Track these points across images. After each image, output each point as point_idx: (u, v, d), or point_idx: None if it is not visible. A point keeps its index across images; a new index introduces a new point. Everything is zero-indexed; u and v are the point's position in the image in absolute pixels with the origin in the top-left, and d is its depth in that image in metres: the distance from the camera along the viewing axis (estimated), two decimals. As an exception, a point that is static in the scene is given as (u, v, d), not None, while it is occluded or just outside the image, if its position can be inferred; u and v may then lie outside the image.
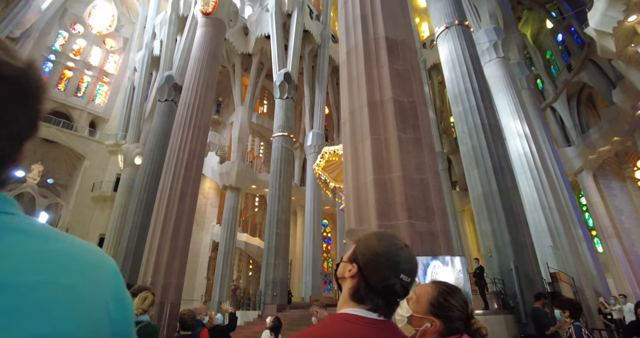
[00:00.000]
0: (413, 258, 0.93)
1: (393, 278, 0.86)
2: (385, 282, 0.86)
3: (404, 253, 0.91)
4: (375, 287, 0.87)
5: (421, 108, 5.73)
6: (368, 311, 0.87)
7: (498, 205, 9.38)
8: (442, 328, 1.12)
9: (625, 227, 21.86)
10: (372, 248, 0.90)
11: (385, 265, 0.87)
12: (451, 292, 1.18)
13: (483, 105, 10.64)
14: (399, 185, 4.93)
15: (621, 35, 12.62)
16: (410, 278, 0.89)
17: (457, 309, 1.14)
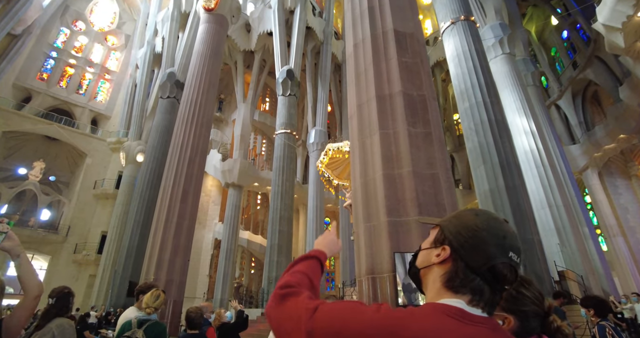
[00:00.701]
0: (517, 235, 0.77)
1: (501, 256, 0.70)
2: (491, 261, 0.70)
3: (508, 228, 0.75)
4: (479, 269, 0.70)
5: (431, 102, 5.58)
6: (470, 304, 0.70)
7: (505, 202, 9.23)
8: (517, 325, 0.93)
9: (630, 226, 21.67)
10: (470, 224, 0.74)
11: (490, 240, 0.71)
12: (524, 282, 0.99)
13: (490, 101, 10.48)
14: (409, 181, 4.80)
15: (630, 30, 12.41)
16: (520, 259, 0.74)
17: (533, 302, 0.96)
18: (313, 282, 0.86)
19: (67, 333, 1.99)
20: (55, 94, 26.84)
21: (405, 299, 4.37)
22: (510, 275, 0.71)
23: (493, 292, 0.71)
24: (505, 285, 0.72)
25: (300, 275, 0.85)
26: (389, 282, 4.38)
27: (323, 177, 14.43)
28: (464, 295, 0.71)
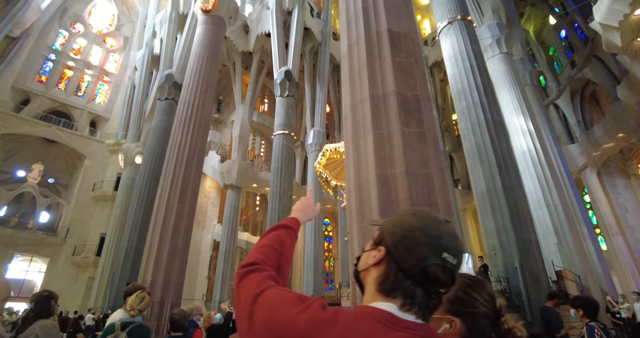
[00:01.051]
0: (458, 236, 0.73)
1: (433, 257, 0.67)
2: (423, 263, 0.67)
3: (446, 227, 0.72)
4: (410, 270, 0.67)
5: (425, 102, 5.57)
6: (402, 309, 0.67)
7: (502, 202, 9.21)
8: (465, 328, 0.89)
9: (629, 225, 21.64)
10: (404, 223, 0.72)
11: (423, 240, 0.68)
12: (473, 284, 0.94)
13: (487, 100, 10.47)
14: (403, 181, 4.78)
15: (627, 29, 12.39)
16: (457, 260, 0.69)
17: (482, 305, 0.90)
18: (282, 251, 0.84)
19: (51, 334, 1.98)
20: (54, 96, 26.85)
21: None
22: (445, 277, 0.68)
23: (428, 296, 0.68)
24: (440, 288, 0.68)
25: (267, 249, 0.83)
26: (382, 283, 4.35)
27: (321, 178, 14.44)
28: (395, 298, 0.68)
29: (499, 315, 0.90)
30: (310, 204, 1.05)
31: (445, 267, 0.68)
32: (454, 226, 0.74)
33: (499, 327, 0.88)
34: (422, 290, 0.68)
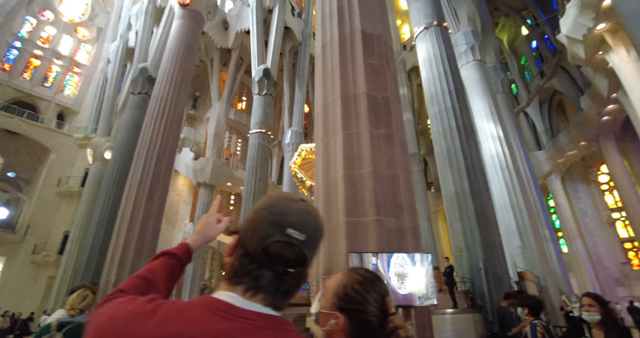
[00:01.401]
0: (311, 213, 0.68)
1: (276, 234, 0.63)
2: (265, 241, 0.62)
3: (297, 205, 0.67)
4: (254, 252, 0.63)
5: (394, 104, 5.65)
6: (245, 295, 0.61)
7: (469, 204, 9.49)
8: (348, 326, 0.84)
9: (588, 229, 22.81)
10: (256, 207, 0.69)
11: (267, 219, 0.65)
12: (365, 281, 0.89)
13: (459, 106, 10.76)
14: (369, 181, 4.83)
15: (590, 42, 13.07)
16: (307, 236, 0.64)
17: (370, 303, 0.86)
18: (155, 282, 0.77)
19: None
20: (18, 85, 25.49)
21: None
22: (291, 254, 0.63)
23: (278, 278, 0.63)
24: (289, 267, 0.63)
25: (135, 281, 0.75)
26: (345, 282, 4.37)
27: (296, 178, 14.40)
28: (239, 285, 0.63)
29: (385, 314, 0.86)
30: (209, 223, 0.90)
31: (290, 243, 0.63)
32: (311, 205, 0.70)
33: (385, 326, 0.85)
34: (270, 272, 0.63)
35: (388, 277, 4.30)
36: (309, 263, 0.67)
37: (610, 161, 20.31)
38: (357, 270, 0.95)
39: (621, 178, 19.73)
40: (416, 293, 4.45)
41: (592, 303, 2.48)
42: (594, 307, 2.44)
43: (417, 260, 4.42)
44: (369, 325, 0.84)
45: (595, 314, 2.42)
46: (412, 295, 4.43)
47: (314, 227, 0.67)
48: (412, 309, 4.49)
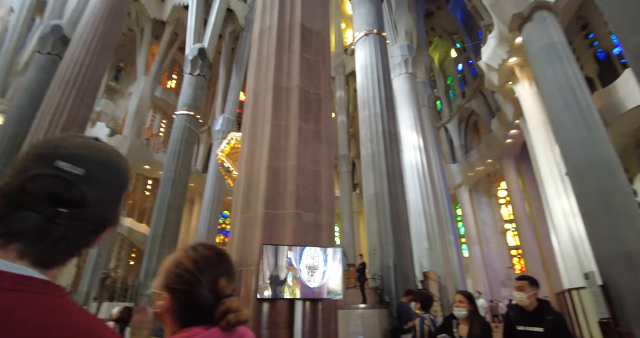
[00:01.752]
0: (101, 148, 0.57)
1: (40, 167, 0.50)
2: (22, 175, 0.50)
3: (81, 139, 0.56)
4: (8, 191, 0.49)
5: (326, 101, 5.71)
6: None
7: (387, 207, 10.07)
8: (175, 307, 0.76)
9: (486, 236, 25.95)
10: None
11: (32, 153, 0.52)
12: (201, 260, 0.81)
13: (387, 114, 11.34)
14: (293, 175, 4.80)
15: (503, 72, 14.82)
16: (85, 170, 0.51)
17: (202, 285, 0.77)
18: None
19: None
20: None
21: (272, 292, 4.34)
22: (60, 190, 0.50)
23: (49, 222, 0.48)
24: (59, 207, 0.49)
25: None
26: (254, 275, 4.29)
27: (222, 168, 13.81)
28: None
29: (218, 297, 0.79)
30: None
31: (60, 177, 0.50)
32: (105, 145, 0.58)
33: (216, 309, 0.77)
34: (33, 213, 0.48)
35: (299, 269, 4.32)
36: (92, 204, 0.52)
37: (509, 179, 23.32)
38: (197, 246, 0.86)
39: (515, 195, 22.79)
40: (325, 287, 4.55)
41: (462, 300, 2.67)
42: (463, 303, 2.63)
43: (329, 254, 4.52)
44: (198, 307, 0.76)
45: (463, 310, 2.61)
46: (321, 289, 4.51)
47: (100, 161, 0.55)
48: (320, 302, 4.58)
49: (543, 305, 2.58)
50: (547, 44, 10.68)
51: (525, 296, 2.56)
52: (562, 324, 2.45)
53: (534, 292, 2.60)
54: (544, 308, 2.56)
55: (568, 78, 10.07)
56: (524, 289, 2.59)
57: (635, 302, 7.56)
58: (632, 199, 8.87)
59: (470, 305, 2.65)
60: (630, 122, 13.04)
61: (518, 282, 2.65)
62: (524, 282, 2.63)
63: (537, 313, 2.52)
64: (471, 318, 2.62)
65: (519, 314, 2.60)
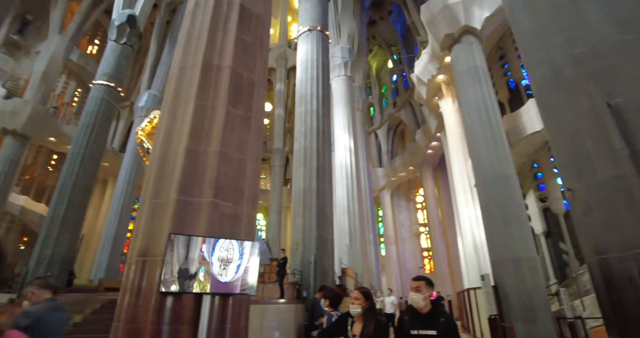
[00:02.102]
0: None
1: None
2: None
3: None
4: None
5: (259, 89, 5.48)
6: None
7: (313, 202, 10.16)
8: None
9: (402, 237, 27.87)
10: None
11: None
12: None
13: (322, 111, 11.44)
14: (214, 160, 4.49)
15: (431, 87, 15.98)
16: None
17: None
18: None
19: None
20: None
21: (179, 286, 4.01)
22: None
23: None
24: None
25: None
26: (159, 266, 3.92)
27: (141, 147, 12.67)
28: None
29: None
30: None
31: None
32: None
33: None
34: None
35: (210, 261, 4.06)
36: None
37: (426, 186, 25.32)
38: None
39: (430, 201, 24.84)
40: (239, 282, 4.34)
41: (357, 297, 2.51)
42: (359, 300, 2.48)
43: (246, 247, 4.32)
44: None
45: (357, 307, 2.46)
46: (233, 283, 4.30)
47: None
48: (231, 297, 4.37)
49: (436, 306, 2.48)
50: (470, 67, 11.75)
51: (421, 297, 2.43)
52: (453, 327, 2.36)
53: (429, 293, 2.48)
54: (437, 310, 2.46)
55: (484, 99, 11.20)
56: (421, 290, 2.46)
57: (518, 301, 8.71)
58: (524, 212, 10.22)
59: (366, 302, 2.50)
60: (529, 145, 15.02)
61: (415, 283, 2.51)
62: (421, 282, 2.50)
63: (431, 316, 2.42)
64: (366, 316, 2.47)
65: (413, 317, 2.47)
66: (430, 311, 2.44)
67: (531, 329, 8.33)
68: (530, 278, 8.81)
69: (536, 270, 9.06)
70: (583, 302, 9.30)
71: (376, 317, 2.48)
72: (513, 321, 8.53)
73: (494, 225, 9.73)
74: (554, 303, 11.13)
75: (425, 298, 2.45)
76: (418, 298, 2.44)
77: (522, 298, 8.70)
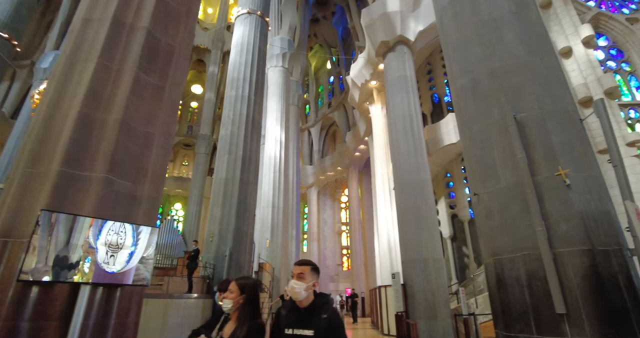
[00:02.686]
0: None
1: None
2: None
3: None
4: None
5: (180, 59, 4.93)
6: None
7: (235, 193, 9.65)
8: None
9: (324, 235, 28.41)
10: None
11: None
12: None
13: (254, 99, 10.96)
14: (114, 130, 3.88)
15: (364, 91, 16.49)
16: None
17: None
18: None
19: None
20: None
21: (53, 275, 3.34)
22: None
23: None
24: None
25: None
26: (25, 249, 3.22)
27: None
28: None
29: None
30: None
31: None
32: None
33: None
34: None
35: (95, 247, 3.46)
36: None
37: (351, 187, 26.17)
38: None
39: (353, 201, 25.72)
40: (132, 272, 3.80)
41: (232, 289, 1.99)
42: (233, 293, 1.96)
43: (143, 233, 3.80)
44: None
45: (229, 303, 1.95)
46: (124, 273, 3.74)
47: None
48: (118, 289, 3.80)
49: (319, 299, 1.93)
50: (401, 75, 12.34)
51: (303, 286, 1.87)
52: (336, 325, 1.82)
53: (314, 281, 1.93)
54: (319, 304, 1.91)
55: (410, 108, 11.85)
56: (304, 277, 1.91)
57: (423, 299, 9.35)
58: (435, 216, 11.05)
59: (241, 295, 1.95)
60: (444, 156, 16.34)
61: (298, 268, 1.96)
62: (305, 267, 1.95)
63: (310, 311, 1.88)
64: (241, 314, 1.93)
65: (291, 312, 1.93)
66: (311, 305, 1.90)
67: (432, 325, 9.00)
68: (435, 278, 9.53)
69: (441, 270, 9.84)
70: (477, 300, 10.34)
71: (253, 317, 1.94)
72: (417, 318, 9.12)
73: (407, 226, 10.31)
74: (454, 302, 12.25)
75: (308, 288, 1.89)
76: (299, 288, 1.87)
77: (427, 296, 9.36)
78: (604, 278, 3.08)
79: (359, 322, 17.55)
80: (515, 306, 3.46)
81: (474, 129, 4.61)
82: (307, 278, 1.92)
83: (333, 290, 26.04)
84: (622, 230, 3.47)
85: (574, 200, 3.47)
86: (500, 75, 4.39)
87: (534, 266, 3.43)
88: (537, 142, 3.87)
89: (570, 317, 3.01)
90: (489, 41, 4.62)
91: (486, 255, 4.23)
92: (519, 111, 4.09)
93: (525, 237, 3.61)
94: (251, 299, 1.98)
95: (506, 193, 3.99)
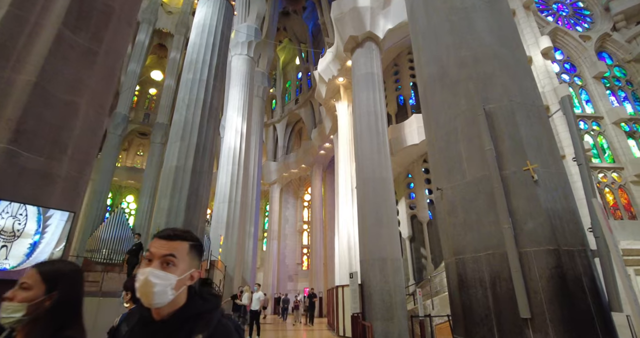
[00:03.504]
0: None
1: None
2: None
3: None
4: None
5: (121, 23, 4.27)
6: None
7: (186, 183, 8.92)
8: None
9: (285, 234, 27.84)
10: None
11: None
12: None
13: (213, 84, 10.25)
14: (24, 94, 3.20)
15: (330, 87, 16.20)
16: None
17: None
18: None
19: None
20: None
21: None
22: None
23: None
24: None
25: None
26: None
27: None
28: None
29: None
30: None
31: None
32: None
33: None
34: None
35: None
36: None
37: (314, 185, 25.84)
38: None
39: (316, 200, 25.40)
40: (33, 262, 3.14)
41: (29, 283, 1.08)
42: (31, 290, 1.07)
43: (54, 218, 3.15)
44: None
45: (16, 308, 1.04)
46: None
47: None
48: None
49: (196, 305, 1.01)
50: (368, 72, 12.16)
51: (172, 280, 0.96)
52: None
53: (192, 272, 1.02)
54: (194, 315, 0.99)
55: (375, 105, 11.70)
56: (177, 263, 0.98)
57: (380, 300, 9.14)
58: (395, 215, 10.95)
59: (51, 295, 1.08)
60: (407, 156, 16.45)
61: (166, 244, 1.00)
62: (180, 244, 1.01)
63: (175, 327, 0.96)
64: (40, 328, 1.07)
65: (139, 328, 1.00)
66: (176, 316, 0.97)
67: (388, 327, 8.82)
68: (393, 278, 9.37)
69: (399, 270, 9.71)
70: (433, 301, 10.35)
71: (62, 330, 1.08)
72: (373, 319, 8.90)
73: (367, 224, 10.10)
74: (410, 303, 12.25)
75: (180, 284, 0.99)
76: (162, 283, 0.94)
77: (384, 297, 9.17)
78: (569, 280, 2.91)
79: (315, 323, 17.25)
80: (478, 309, 3.22)
81: (440, 120, 4.39)
82: (180, 264, 0.99)
83: (291, 289, 25.61)
84: (585, 231, 3.35)
85: (541, 197, 3.30)
86: (470, 64, 4.19)
87: (498, 266, 3.21)
88: (505, 134, 3.69)
89: (535, 322, 2.81)
90: (459, 29, 4.41)
91: (447, 254, 4.00)
92: (488, 102, 3.90)
93: (490, 234, 3.39)
94: (66, 300, 1.11)
95: (472, 188, 3.77)
